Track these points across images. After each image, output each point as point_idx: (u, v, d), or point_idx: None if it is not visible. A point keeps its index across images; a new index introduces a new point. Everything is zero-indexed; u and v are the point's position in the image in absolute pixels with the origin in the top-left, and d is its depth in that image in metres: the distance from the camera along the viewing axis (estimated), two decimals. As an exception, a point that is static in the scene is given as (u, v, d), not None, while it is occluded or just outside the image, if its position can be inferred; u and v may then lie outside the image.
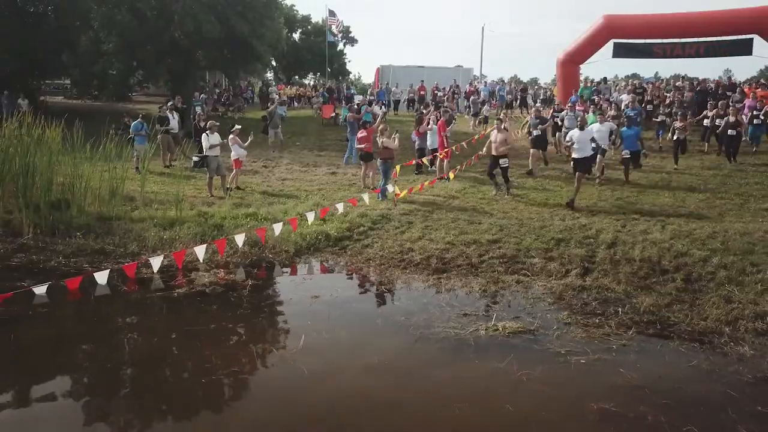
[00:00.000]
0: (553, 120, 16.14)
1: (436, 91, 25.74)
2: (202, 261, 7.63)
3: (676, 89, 20.83)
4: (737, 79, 38.60)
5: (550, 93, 25.05)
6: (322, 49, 39.77)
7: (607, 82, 24.95)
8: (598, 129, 12.37)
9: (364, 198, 10.47)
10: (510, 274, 7.39)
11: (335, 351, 5.32)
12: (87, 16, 23.44)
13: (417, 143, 14.63)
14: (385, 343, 5.43)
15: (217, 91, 30.29)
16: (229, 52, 25.77)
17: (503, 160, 11.47)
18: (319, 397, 4.46)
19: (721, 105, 15.57)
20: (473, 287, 6.94)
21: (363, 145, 12.50)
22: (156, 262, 7.30)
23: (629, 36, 22.54)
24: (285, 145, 18.14)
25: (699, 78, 26.14)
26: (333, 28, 38.34)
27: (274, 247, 8.43)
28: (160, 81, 27.22)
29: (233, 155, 12.71)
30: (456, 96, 26.02)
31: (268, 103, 22.26)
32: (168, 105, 16.52)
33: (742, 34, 20.73)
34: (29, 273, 7.30)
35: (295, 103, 31.06)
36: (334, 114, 24.20)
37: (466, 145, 15.63)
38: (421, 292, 6.89)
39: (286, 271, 7.80)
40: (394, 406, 4.38)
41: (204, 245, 7.83)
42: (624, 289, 6.86)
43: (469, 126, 21.53)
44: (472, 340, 5.41)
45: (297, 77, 47.32)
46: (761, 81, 27.77)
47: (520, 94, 25.43)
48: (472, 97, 23.42)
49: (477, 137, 17.03)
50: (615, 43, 22.63)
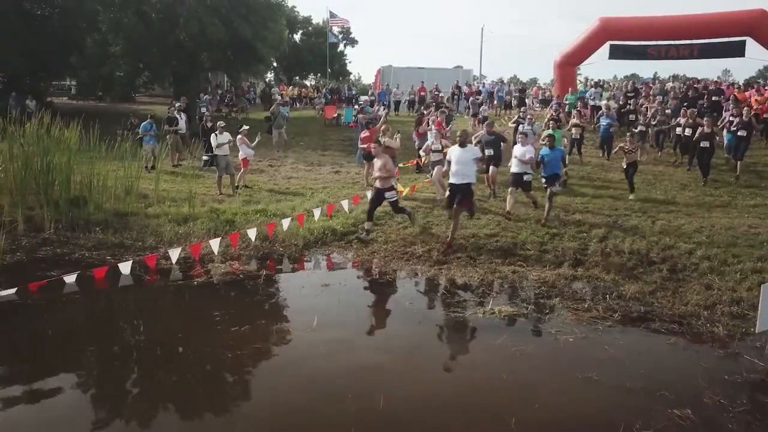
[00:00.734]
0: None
1: (436, 92, 26.23)
2: (217, 253, 8.13)
3: (663, 94, 19.80)
4: (735, 79, 38.92)
5: (549, 94, 25.49)
6: (322, 50, 40.27)
7: (601, 85, 24.39)
8: (519, 151, 10.17)
9: (368, 195, 10.95)
10: (506, 266, 7.89)
11: (346, 330, 5.85)
12: (94, 19, 23.92)
13: (417, 143, 15.11)
14: (391, 324, 5.94)
15: (220, 92, 30.75)
16: (232, 54, 26.25)
17: (388, 194, 8.85)
18: (333, 369, 4.98)
19: (690, 113, 14.11)
20: (472, 277, 7.43)
21: (366, 145, 12.98)
22: (174, 253, 7.83)
23: (625, 38, 23.05)
24: (289, 145, 18.62)
25: (697, 78, 26.64)
26: (334, 29, 38.86)
27: (284, 240, 8.93)
28: (166, 82, 27.70)
29: (241, 155, 13.20)
30: (456, 96, 26.53)
31: (271, 104, 22.76)
32: (176, 106, 16.99)
33: (735, 36, 21.24)
34: (56, 264, 7.79)
35: (297, 104, 31.52)
36: (336, 114, 24.67)
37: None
38: (424, 281, 7.39)
39: (295, 263, 8.30)
40: (402, 375, 4.91)
41: (218, 239, 8.33)
42: (613, 278, 7.37)
43: (468, 126, 22.01)
44: (470, 321, 5.94)
45: (298, 78, 47.80)
46: (758, 82, 28.15)
47: (518, 95, 25.90)
48: (471, 98, 23.90)
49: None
50: (611, 44, 23.14)
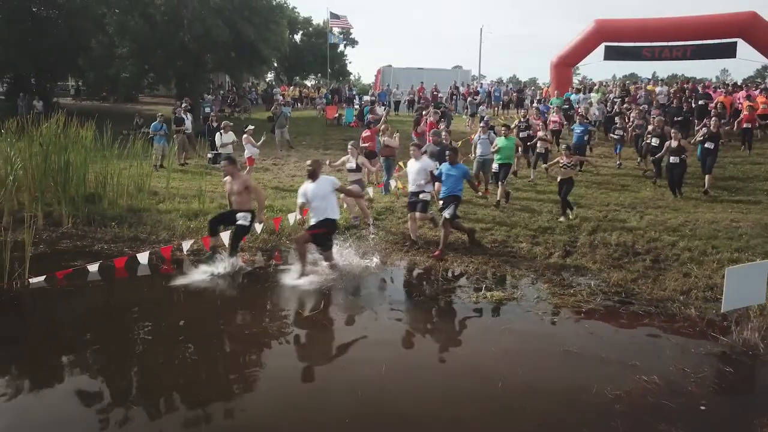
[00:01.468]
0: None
1: (435, 92, 26.76)
2: (227, 246, 8.63)
3: (648, 102, 18.70)
4: (734, 78, 39.12)
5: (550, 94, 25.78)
6: (323, 50, 40.80)
7: (592, 88, 23.93)
8: (413, 167, 9.04)
9: (369, 192, 11.47)
10: (499, 256, 8.41)
11: (351, 311, 6.42)
12: (100, 21, 24.47)
13: (415, 143, 15.62)
14: (391, 306, 6.47)
15: (221, 92, 31.30)
16: (236, 55, 26.81)
17: (240, 215, 7.79)
18: (343, 342, 5.60)
19: (657, 121, 13.15)
20: (467, 266, 7.96)
21: (367, 144, 13.50)
22: (186, 245, 8.38)
23: (620, 39, 23.58)
24: (291, 145, 19.14)
25: (686, 78, 27.08)
26: (335, 29, 39.34)
27: (290, 234, 9.44)
28: (171, 83, 28.24)
29: (246, 153, 13.75)
30: (454, 97, 27.05)
31: (273, 104, 23.27)
32: (182, 106, 17.52)
33: (727, 38, 21.77)
34: (78, 255, 8.32)
35: (299, 105, 32.04)
36: (337, 115, 25.19)
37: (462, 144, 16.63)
38: (422, 270, 7.92)
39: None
40: (404, 347, 5.53)
41: (228, 232, 8.84)
42: (598, 267, 7.89)
43: (464, 126, 22.55)
44: (464, 304, 6.50)
45: (298, 78, 48.32)
46: (756, 81, 28.30)
47: (516, 95, 26.41)
48: (469, 98, 24.41)
49: (473, 136, 18.02)
50: (606, 46, 23.67)
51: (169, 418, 4.16)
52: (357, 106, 25.74)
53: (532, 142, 13.78)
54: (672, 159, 11.49)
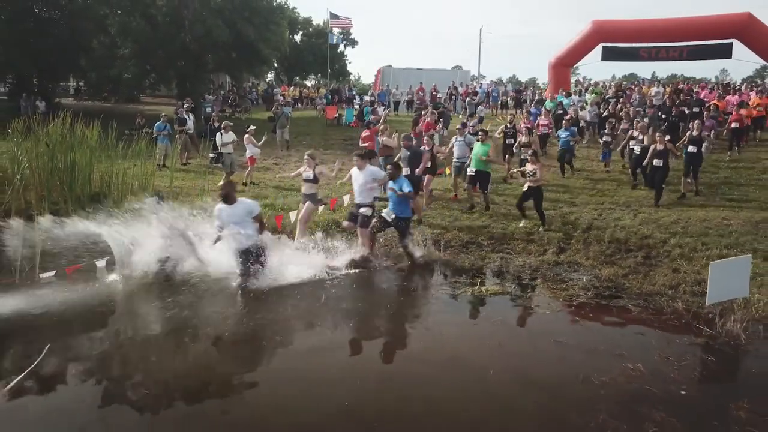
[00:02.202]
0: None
1: (434, 93, 26.99)
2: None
3: (642, 105, 18.63)
4: (733, 78, 39.27)
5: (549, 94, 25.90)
6: (323, 50, 41.00)
7: (587, 89, 23.75)
8: (359, 178, 8.55)
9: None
10: (495, 253, 8.66)
11: (354, 302, 6.74)
12: (101, 22, 24.68)
13: (414, 142, 15.83)
14: (391, 300, 6.75)
15: (222, 92, 31.51)
16: (236, 55, 27.02)
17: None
18: (348, 332, 5.92)
19: (640, 128, 12.69)
20: (464, 262, 8.20)
21: (366, 144, 13.72)
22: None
23: (617, 40, 23.85)
24: (291, 145, 19.37)
25: (696, 78, 27.19)
26: (335, 29, 39.57)
27: (291, 232, 9.67)
28: (172, 83, 28.45)
29: (248, 153, 13.98)
30: (453, 97, 27.27)
31: (274, 105, 23.49)
32: (185, 107, 17.75)
33: (723, 39, 22.04)
34: (86, 251, 8.54)
35: (299, 105, 32.26)
36: (337, 115, 25.41)
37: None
38: (421, 265, 8.14)
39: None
40: (404, 338, 5.79)
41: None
42: (591, 263, 8.14)
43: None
44: (460, 298, 6.74)
45: (298, 78, 48.54)
46: (755, 82, 28.25)
47: (515, 95, 26.62)
48: (467, 99, 24.64)
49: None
50: (603, 46, 23.95)
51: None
52: (357, 106, 25.96)
53: (515, 145, 13.52)
54: (655, 162, 11.22)
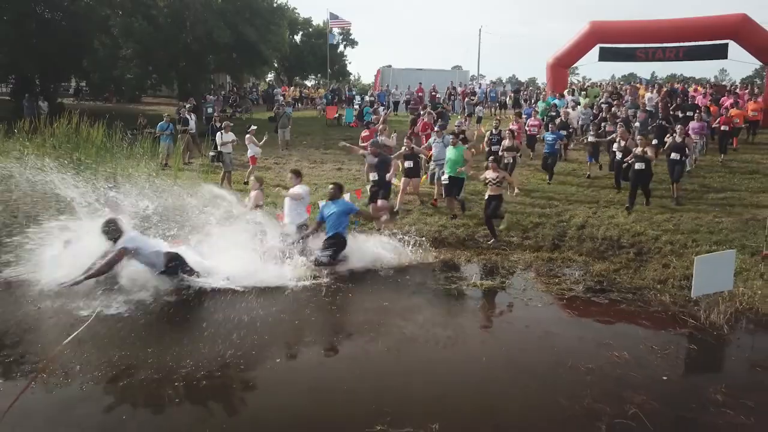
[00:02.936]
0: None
1: (433, 93, 27.22)
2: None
3: (635, 107, 18.00)
4: (732, 78, 39.37)
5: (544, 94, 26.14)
6: (323, 50, 41.21)
7: (581, 90, 23.52)
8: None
9: (367, 189, 11.92)
10: (491, 249, 8.90)
11: (356, 294, 6.99)
12: (104, 23, 24.91)
13: (413, 142, 16.07)
14: (390, 293, 7.00)
15: (222, 92, 31.74)
16: (237, 55, 27.26)
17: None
18: (349, 323, 6.25)
19: (621, 132, 12.31)
20: (461, 258, 8.45)
21: (366, 144, 13.95)
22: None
23: (614, 41, 24.02)
24: (291, 144, 19.61)
25: (695, 78, 27.27)
26: (334, 30, 39.81)
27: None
28: (174, 84, 28.68)
29: (249, 153, 14.22)
30: (452, 97, 27.50)
31: (274, 105, 23.76)
32: (187, 107, 17.98)
33: (718, 40, 22.24)
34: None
35: (299, 105, 32.50)
36: (337, 115, 25.64)
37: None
38: (418, 261, 8.39)
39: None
40: (403, 327, 6.03)
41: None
42: (584, 259, 8.39)
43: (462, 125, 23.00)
44: (456, 291, 7.00)
45: (298, 79, 48.74)
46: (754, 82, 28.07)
47: (513, 95, 26.83)
48: (466, 99, 24.86)
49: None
50: (601, 47, 24.11)
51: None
52: (357, 106, 26.19)
53: (499, 148, 12.84)
54: (637, 165, 10.75)
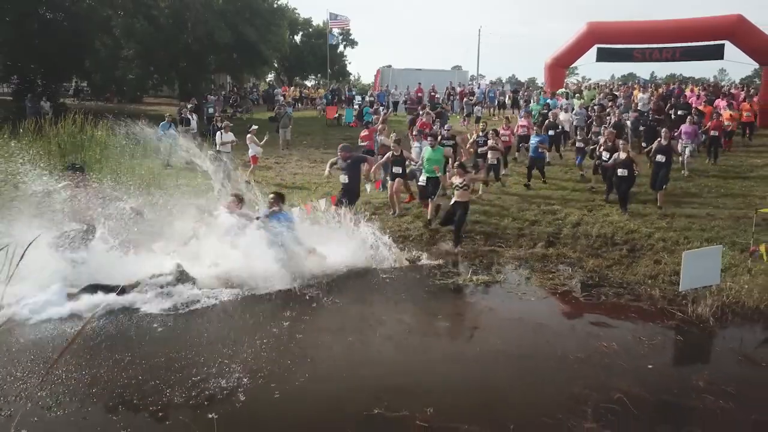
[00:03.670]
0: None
1: (432, 93, 27.42)
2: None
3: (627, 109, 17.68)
4: (732, 78, 39.53)
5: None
6: (323, 51, 41.42)
7: (576, 92, 23.49)
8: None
9: (367, 188, 12.14)
10: (487, 246, 9.12)
11: (354, 289, 7.19)
12: (106, 23, 25.13)
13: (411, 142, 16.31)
14: (388, 288, 7.22)
15: (223, 92, 31.95)
16: (237, 56, 27.49)
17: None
18: (347, 316, 6.42)
19: (608, 134, 11.89)
20: (457, 255, 8.66)
21: (365, 143, 14.19)
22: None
23: (611, 41, 24.23)
24: (291, 144, 19.83)
25: (694, 77, 27.35)
26: (334, 30, 40.01)
27: (295, 227, 10.14)
28: (175, 84, 28.89)
29: (250, 152, 14.44)
30: (451, 97, 27.70)
31: (275, 105, 23.97)
32: (188, 108, 18.19)
33: (714, 40, 22.46)
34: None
35: (299, 105, 32.68)
36: (337, 115, 25.84)
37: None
38: (416, 257, 8.61)
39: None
40: (400, 319, 6.26)
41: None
42: (578, 256, 8.60)
43: (461, 125, 23.23)
44: (452, 286, 7.23)
45: (298, 79, 48.93)
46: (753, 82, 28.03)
47: (512, 95, 27.01)
48: (464, 99, 25.06)
49: (468, 134, 18.69)
50: (598, 48, 24.33)
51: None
52: (357, 107, 26.39)
53: (483, 149, 12.53)
54: (620, 172, 10.49)
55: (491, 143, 12.34)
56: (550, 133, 14.60)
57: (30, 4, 25.28)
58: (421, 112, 18.67)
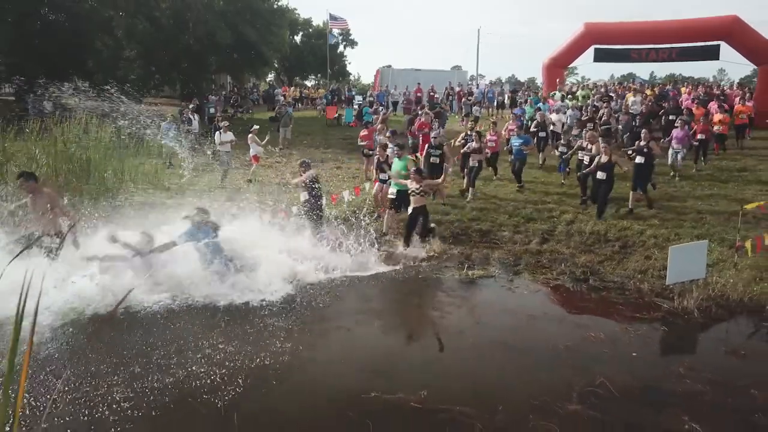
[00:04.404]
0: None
1: (432, 93, 27.63)
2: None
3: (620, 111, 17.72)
4: (731, 78, 39.65)
5: (542, 95, 26.22)
6: (323, 51, 41.66)
7: (573, 92, 23.47)
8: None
9: (366, 187, 12.38)
10: (483, 243, 9.36)
11: (352, 284, 7.41)
12: (108, 24, 25.35)
13: (410, 141, 16.55)
14: (388, 283, 7.47)
15: (223, 93, 32.16)
16: (238, 56, 27.73)
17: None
18: (345, 307, 6.63)
19: (589, 137, 11.56)
20: (454, 251, 8.90)
21: (365, 143, 14.42)
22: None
23: (608, 42, 24.48)
24: (292, 143, 20.05)
25: (693, 77, 27.41)
26: (334, 30, 40.25)
27: (295, 224, 10.36)
28: (176, 84, 29.12)
29: (251, 152, 14.68)
30: (450, 97, 27.92)
31: (275, 105, 24.19)
32: (190, 108, 18.42)
33: (710, 41, 22.70)
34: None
35: (299, 105, 32.88)
36: (337, 115, 26.07)
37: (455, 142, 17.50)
38: (414, 254, 8.84)
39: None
40: (402, 312, 6.52)
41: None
42: (571, 252, 8.83)
43: (459, 125, 23.45)
44: (448, 280, 7.47)
45: (298, 79, 49.17)
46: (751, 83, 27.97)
47: (511, 95, 27.21)
48: (463, 99, 25.28)
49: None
50: (596, 48, 24.58)
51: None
52: (356, 106, 26.61)
53: (466, 149, 12.33)
54: (599, 174, 10.28)
55: (474, 145, 12.08)
56: (541, 135, 14.49)
57: (31, 5, 25.49)
58: (420, 112, 18.87)
